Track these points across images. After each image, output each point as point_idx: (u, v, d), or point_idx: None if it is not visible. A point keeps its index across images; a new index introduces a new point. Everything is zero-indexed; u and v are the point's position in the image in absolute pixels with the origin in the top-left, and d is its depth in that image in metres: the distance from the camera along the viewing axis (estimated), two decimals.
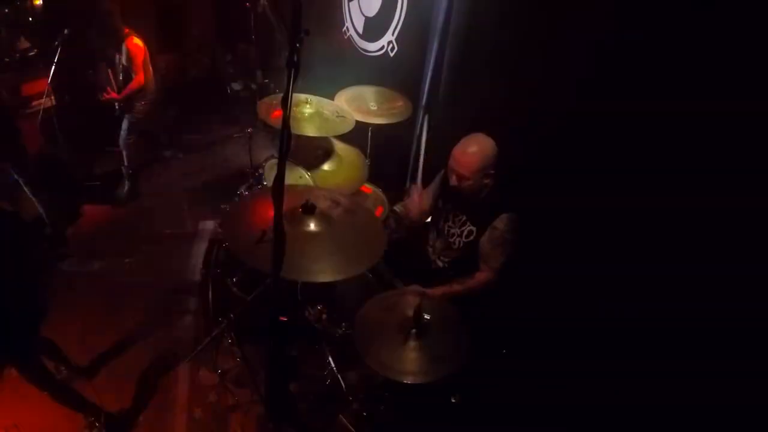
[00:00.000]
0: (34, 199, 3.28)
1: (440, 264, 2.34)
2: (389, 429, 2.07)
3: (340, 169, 2.83)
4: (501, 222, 2.03)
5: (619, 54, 1.89)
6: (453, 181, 2.11)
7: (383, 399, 2.07)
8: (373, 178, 2.96)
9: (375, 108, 2.95)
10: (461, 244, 2.19)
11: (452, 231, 2.23)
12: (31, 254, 2.16)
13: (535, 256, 2.23)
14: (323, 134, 2.63)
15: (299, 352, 2.36)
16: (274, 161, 2.80)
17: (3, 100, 3.38)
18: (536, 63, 2.32)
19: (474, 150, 2.03)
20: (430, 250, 2.38)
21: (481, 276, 2.10)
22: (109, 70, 3.87)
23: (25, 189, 3.23)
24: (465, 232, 2.16)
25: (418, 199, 2.31)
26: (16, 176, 3.18)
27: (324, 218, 1.78)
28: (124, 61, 3.77)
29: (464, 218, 2.17)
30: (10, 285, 1.95)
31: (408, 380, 1.63)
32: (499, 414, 2.13)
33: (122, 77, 3.84)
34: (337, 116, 2.69)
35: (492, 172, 2.06)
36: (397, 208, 2.58)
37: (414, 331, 1.71)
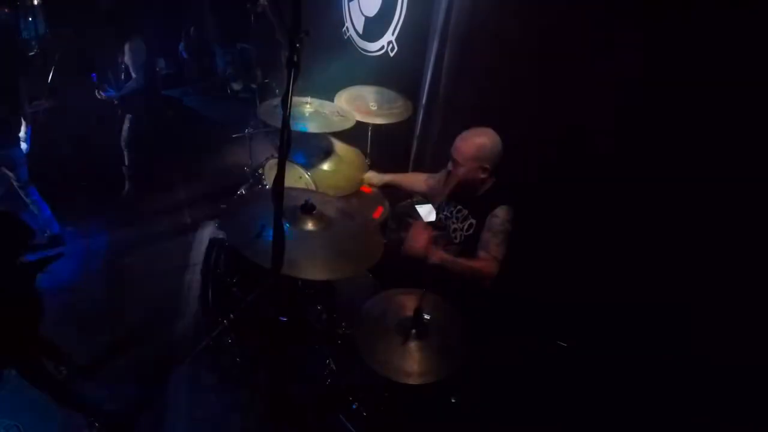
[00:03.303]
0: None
1: None
2: (389, 429, 2.07)
3: (340, 169, 2.82)
4: (501, 211, 2.03)
5: (619, 53, 1.89)
6: (449, 166, 2.15)
7: (383, 399, 2.06)
8: None
9: (375, 108, 2.95)
10: (462, 238, 2.19)
11: (454, 226, 2.23)
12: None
13: (534, 253, 2.23)
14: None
15: (299, 352, 2.36)
16: (274, 161, 2.79)
17: None
18: (536, 63, 2.32)
19: (472, 138, 2.06)
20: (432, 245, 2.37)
21: (483, 262, 2.02)
22: (109, 70, 3.88)
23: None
24: (466, 226, 2.16)
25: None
26: None
27: (322, 220, 1.78)
28: (125, 60, 3.77)
29: (466, 212, 2.18)
30: None
31: (408, 381, 1.62)
32: (499, 414, 2.13)
33: (123, 76, 3.84)
34: (336, 116, 2.69)
35: (487, 166, 2.06)
36: (398, 208, 2.58)
37: (414, 331, 1.71)
